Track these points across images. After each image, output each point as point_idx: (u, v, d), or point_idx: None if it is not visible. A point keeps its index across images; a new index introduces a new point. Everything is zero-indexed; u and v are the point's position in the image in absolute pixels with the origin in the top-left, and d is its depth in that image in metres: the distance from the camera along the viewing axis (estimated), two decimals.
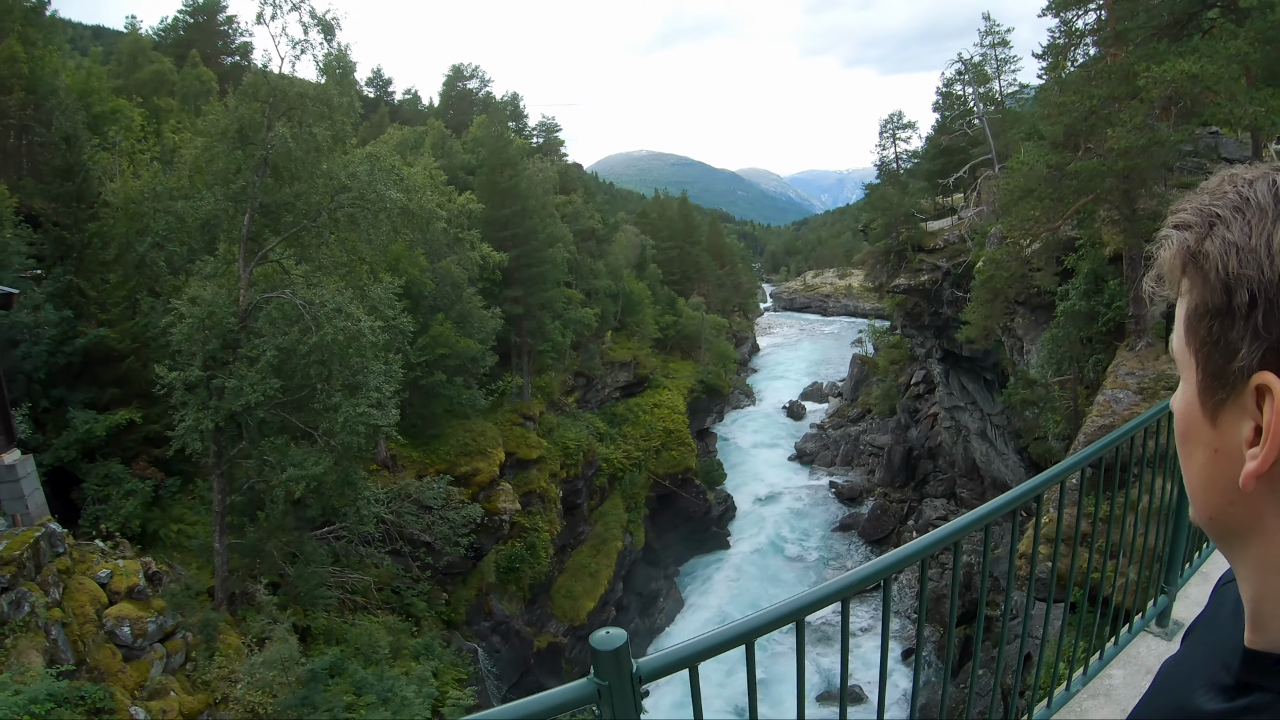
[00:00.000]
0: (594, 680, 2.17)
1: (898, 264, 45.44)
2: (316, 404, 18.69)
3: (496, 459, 31.62)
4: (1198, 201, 1.05)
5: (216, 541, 18.81)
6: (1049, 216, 21.56)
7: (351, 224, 19.49)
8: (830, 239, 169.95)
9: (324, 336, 17.54)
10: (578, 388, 48.14)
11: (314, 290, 18.52)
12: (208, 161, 19.95)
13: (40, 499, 16.35)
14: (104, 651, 14.96)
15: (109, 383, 22.58)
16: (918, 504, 51.16)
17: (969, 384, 46.46)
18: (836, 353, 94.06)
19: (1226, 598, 1.27)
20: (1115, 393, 19.36)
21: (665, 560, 48.70)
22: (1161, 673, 1.32)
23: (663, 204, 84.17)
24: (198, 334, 17.93)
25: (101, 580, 15.91)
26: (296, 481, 17.75)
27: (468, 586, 28.47)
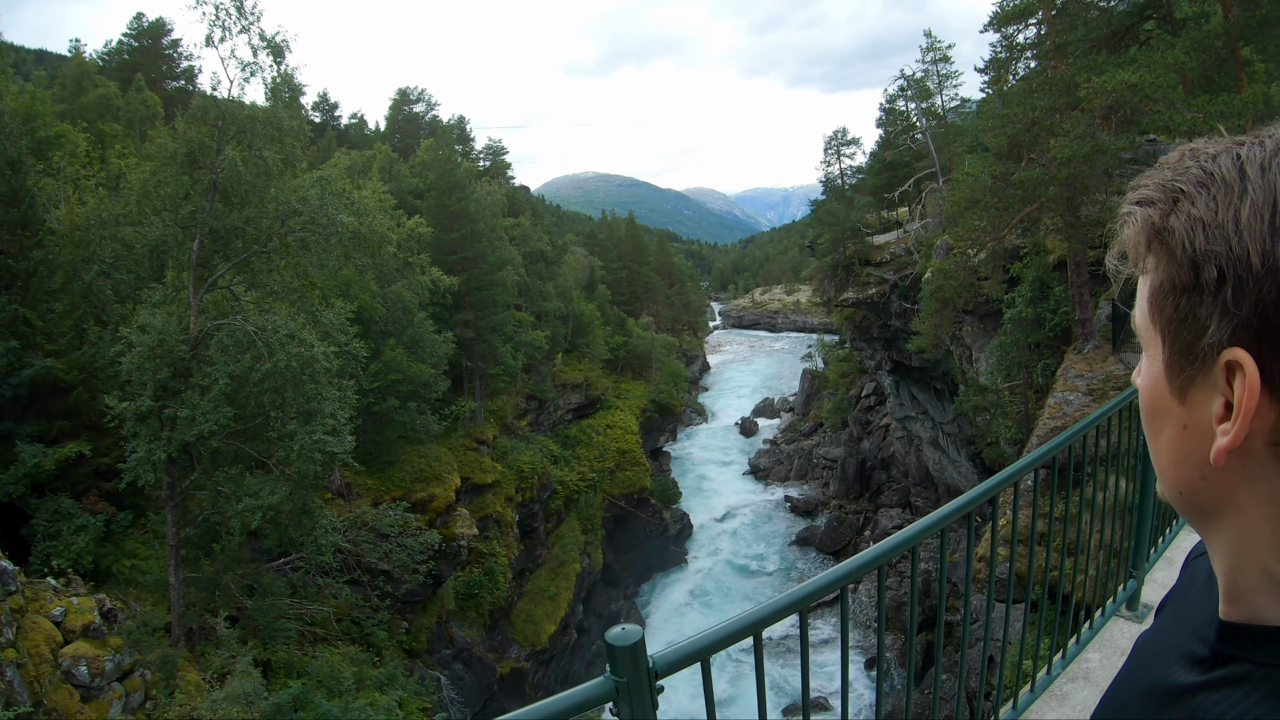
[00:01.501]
0: (611, 678, 2.18)
1: (846, 278, 45.96)
2: (271, 432, 18.32)
3: (452, 484, 31.32)
4: (1159, 177, 1.04)
5: (171, 576, 18.31)
6: (995, 226, 21.98)
7: (303, 249, 19.22)
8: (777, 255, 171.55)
9: (277, 363, 17.23)
10: (530, 410, 47.92)
11: (266, 317, 18.21)
12: (155, 186, 19.56)
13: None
14: (61, 692, 14.53)
15: (57, 415, 21.89)
16: (873, 514, 51.61)
17: (919, 394, 47.09)
18: (787, 368, 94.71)
19: (1198, 571, 1.29)
20: (1066, 395, 19.75)
21: (624, 580, 48.57)
22: (1136, 648, 1.32)
23: (611, 225, 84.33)
24: (148, 363, 17.48)
25: (55, 619, 15.41)
26: (252, 512, 17.32)
27: (428, 614, 28.07)
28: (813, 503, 56.77)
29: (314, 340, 18.02)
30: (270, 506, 17.46)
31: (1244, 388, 0.92)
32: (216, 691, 16.39)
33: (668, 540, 52.29)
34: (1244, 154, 0.97)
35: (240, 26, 18.73)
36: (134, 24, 53.04)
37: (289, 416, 18.27)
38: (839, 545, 50.36)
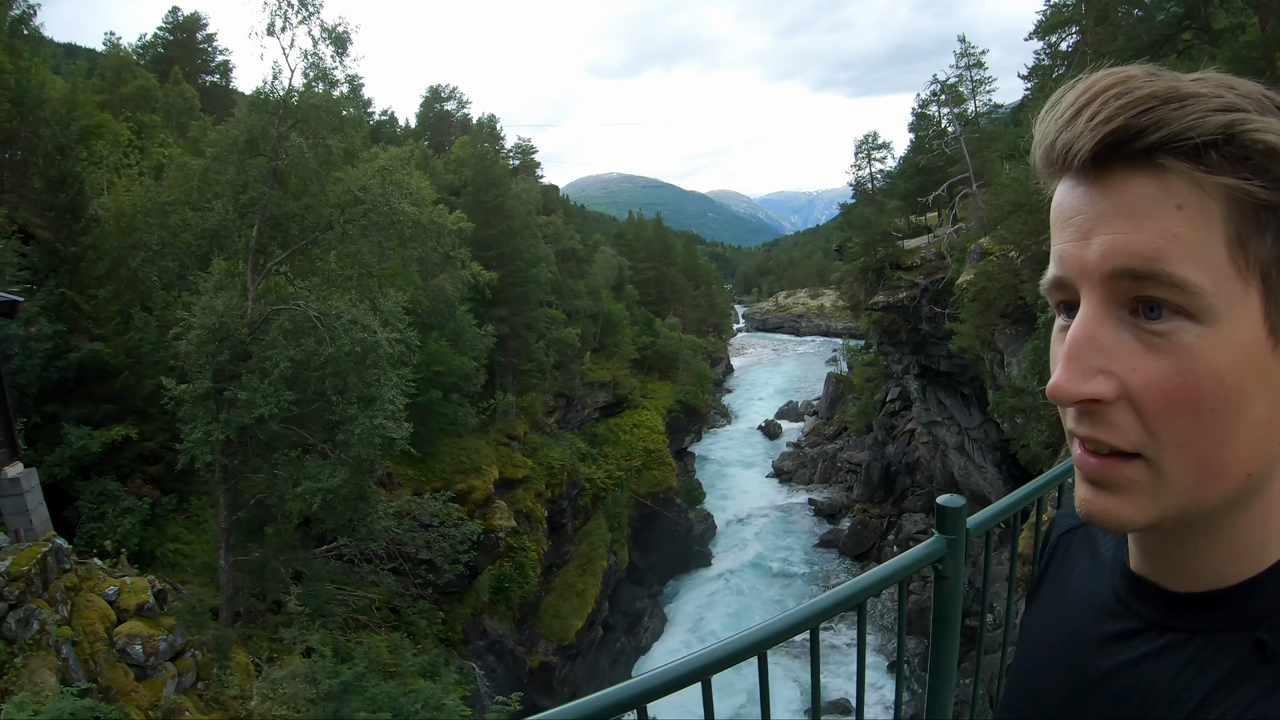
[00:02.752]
0: (943, 537, 2.51)
1: (876, 282, 46.04)
2: (332, 416, 18.62)
3: (491, 477, 31.66)
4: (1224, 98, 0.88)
5: (222, 559, 18.62)
6: (1038, 229, 22.26)
7: (363, 237, 19.58)
8: (802, 259, 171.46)
9: (340, 348, 17.58)
10: (558, 408, 48.22)
11: (329, 302, 18.56)
12: (217, 172, 19.98)
13: (44, 514, 16.09)
14: (116, 670, 14.67)
15: (102, 399, 22.12)
16: (897, 519, 51.62)
17: (946, 399, 47.09)
18: (810, 372, 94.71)
19: (1073, 549, 1.29)
20: None
21: (649, 579, 48.78)
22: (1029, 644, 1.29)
23: (638, 225, 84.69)
24: (208, 345, 17.81)
25: (109, 598, 15.65)
26: (312, 494, 17.60)
27: (464, 605, 28.38)
28: (836, 506, 56.87)
29: (376, 326, 18.36)
30: (330, 489, 17.73)
31: None
32: (276, 670, 16.66)
33: (692, 540, 52.43)
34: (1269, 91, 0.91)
35: (300, 17, 19.12)
36: (169, 18, 53.49)
37: (350, 401, 18.57)
38: (863, 549, 50.43)
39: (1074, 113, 0.93)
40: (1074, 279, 0.94)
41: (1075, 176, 0.95)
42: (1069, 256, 0.95)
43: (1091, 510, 0.97)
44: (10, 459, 15.82)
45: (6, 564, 13.83)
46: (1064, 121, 0.94)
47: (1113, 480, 0.95)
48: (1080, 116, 0.92)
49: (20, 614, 13.55)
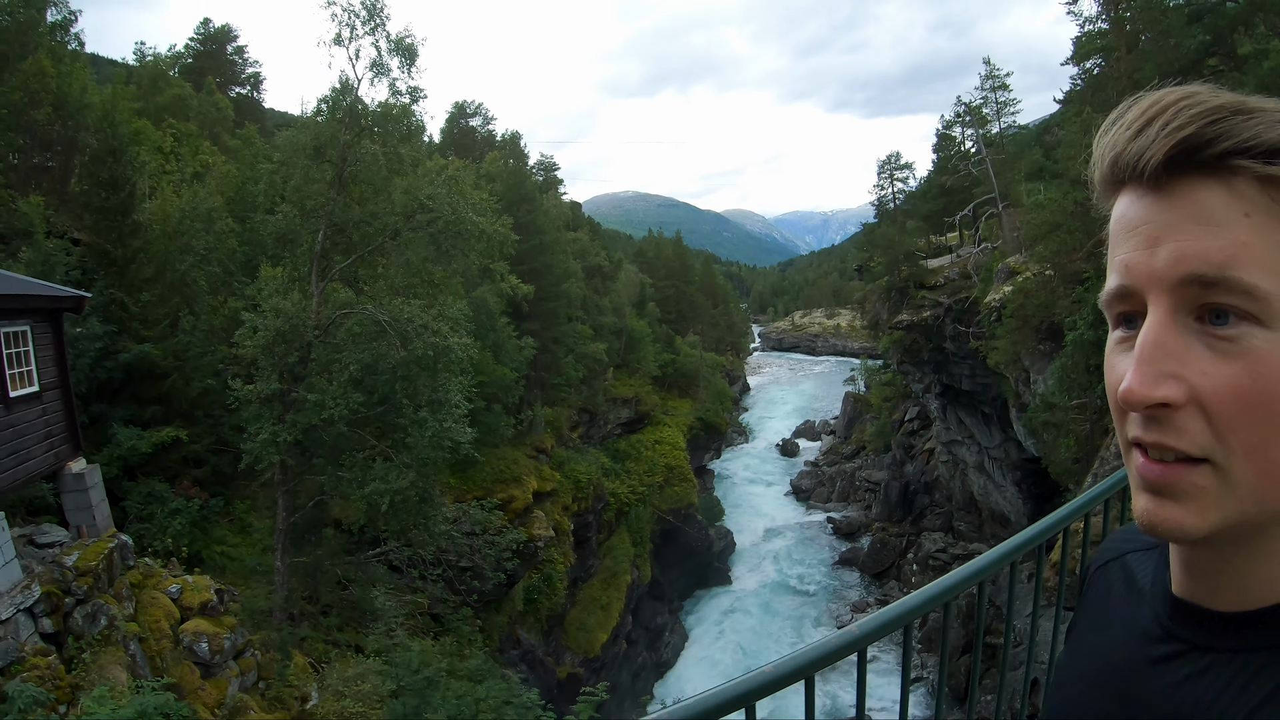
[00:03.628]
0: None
1: (900, 301, 46.39)
2: (402, 419, 18.97)
3: (530, 487, 32.05)
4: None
5: (278, 560, 18.91)
6: (1074, 248, 22.79)
7: (431, 244, 20.01)
8: (818, 279, 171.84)
9: (413, 351, 17.99)
10: (581, 423, 48.53)
11: (401, 306, 18.97)
12: (284, 178, 20.47)
13: (106, 510, 16.12)
14: (182, 668, 14.70)
15: (149, 400, 22.33)
16: (916, 537, 51.74)
17: (967, 418, 47.33)
18: (827, 391, 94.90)
19: (1111, 581, 1.31)
20: None
21: (670, 594, 48.95)
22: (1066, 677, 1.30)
23: (658, 243, 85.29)
24: (277, 346, 18.19)
25: (172, 595, 15.80)
26: (380, 495, 17.87)
27: (500, 614, 28.72)
28: (855, 525, 57.01)
29: (447, 331, 18.77)
30: (398, 490, 18.06)
31: None
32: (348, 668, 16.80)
33: (712, 557, 52.60)
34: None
35: (369, 28, 19.67)
36: (201, 29, 54.14)
37: (420, 404, 18.94)
38: (882, 567, 50.59)
39: (1144, 123, 0.96)
40: (1141, 287, 0.97)
41: (1141, 187, 0.98)
42: (1136, 264, 0.97)
43: (1154, 520, 0.98)
44: (73, 454, 15.91)
45: (74, 559, 13.94)
46: (1133, 132, 0.98)
47: (1177, 487, 0.96)
48: (1151, 126, 0.95)
49: (88, 609, 13.59)
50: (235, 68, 55.48)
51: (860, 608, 46.54)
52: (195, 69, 49.86)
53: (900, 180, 52.06)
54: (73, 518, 15.48)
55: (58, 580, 13.25)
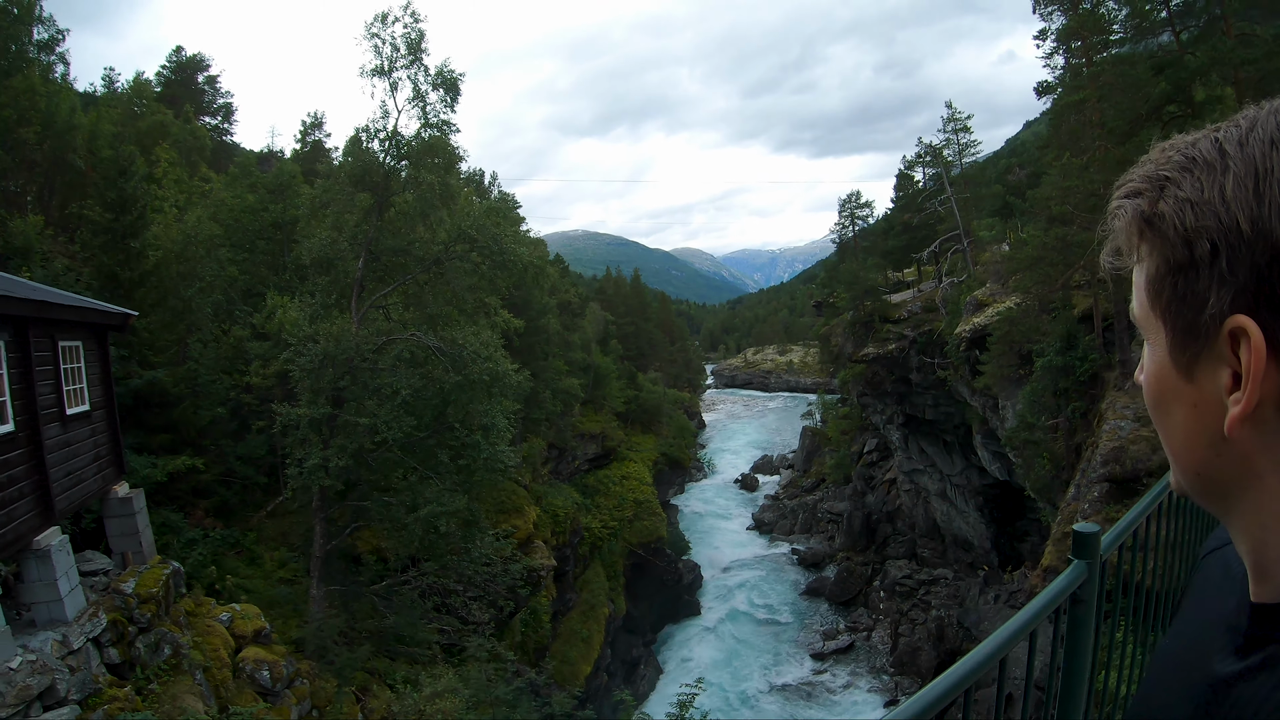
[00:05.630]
0: (1081, 562, 2.74)
1: (865, 334, 47.75)
2: (455, 442, 19.36)
3: (530, 517, 32.41)
4: (1144, 170, 1.08)
5: (313, 589, 19.02)
6: (1053, 279, 24.30)
7: (474, 273, 20.56)
8: (768, 316, 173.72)
9: (469, 375, 18.46)
10: (550, 459, 48.84)
11: (453, 332, 19.42)
12: (324, 205, 20.92)
13: (150, 537, 15.80)
14: (245, 695, 14.63)
15: (158, 428, 22.04)
16: (881, 565, 52.67)
17: (929, 447, 48.69)
18: (784, 425, 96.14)
19: (1212, 568, 1.36)
20: (1118, 422, 21.93)
21: (643, 627, 49.17)
22: (1158, 656, 1.38)
23: (617, 282, 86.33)
24: (324, 370, 18.44)
25: (224, 623, 15.75)
26: (436, 518, 18.07)
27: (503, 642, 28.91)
28: (819, 555, 57.78)
29: (501, 358, 19.29)
30: (453, 513, 18.36)
31: (1250, 352, 0.94)
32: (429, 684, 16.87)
33: (682, 589, 53.00)
34: (1221, 135, 1.01)
35: (404, 62, 20.37)
36: (173, 56, 53.64)
37: (472, 428, 19.36)
38: (849, 595, 51.36)
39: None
40: None
41: None
42: None
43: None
44: (118, 477, 15.66)
45: (132, 585, 13.73)
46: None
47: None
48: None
49: (151, 638, 13.45)
50: (206, 97, 54.87)
51: (831, 635, 47.31)
52: (166, 97, 49.03)
53: (861, 218, 53.72)
54: (116, 544, 15.15)
55: (120, 608, 13.13)
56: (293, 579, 21.90)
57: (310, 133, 51.01)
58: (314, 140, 50.73)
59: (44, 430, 12.29)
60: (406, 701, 16.83)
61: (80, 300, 15.27)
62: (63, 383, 13.27)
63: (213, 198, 29.40)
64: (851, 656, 45.51)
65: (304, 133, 50.99)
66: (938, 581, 47.15)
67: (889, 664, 43.60)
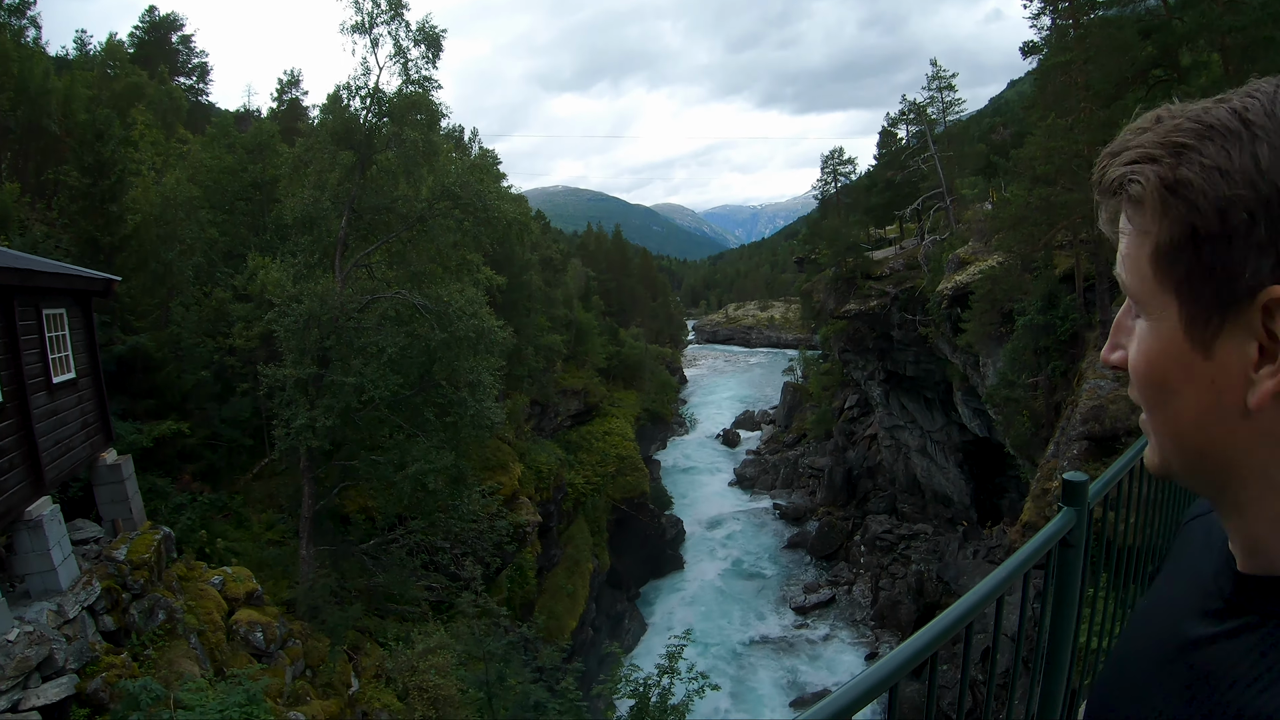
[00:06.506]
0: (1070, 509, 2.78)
1: (847, 291, 47.87)
2: (441, 399, 19.33)
3: (515, 474, 32.55)
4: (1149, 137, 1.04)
5: (303, 549, 19.04)
6: (1036, 238, 24.45)
7: (459, 229, 20.42)
8: (749, 272, 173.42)
9: (455, 333, 18.39)
10: (533, 415, 48.90)
11: (438, 290, 19.32)
12: (304, 163, 20.70)
13: (140, 503, 15.76)
14: (240, 657, 14.67)
15: (142, 393, 21.93)
16: (861, 520, 53.16)
17: (909, 403, 49.07)
18: (765, 381, 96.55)
19: (1193, 534, 1.36)
20: (1097, 381, 22.20)
21: (626, 582, 49.69)
22: (1136, 615, 1.41)
23: (598, 237, 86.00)
24: (310, 331, 18.33)
25: (216, 586, 15.70)
26: (424, 475, 18.09)
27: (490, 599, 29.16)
28: (801, 510, 58.37)
29: (487, 315, 19.21)
30: (441, 470, 18.39)
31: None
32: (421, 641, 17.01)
33: (665, 544, 53.52)
34: (1238, 105, 0.99)
35: (385, 18, 20.08)
36: (145, 16, 52.81)
37: (459, 385, 19.32)
38: (831, 549, 51.94)
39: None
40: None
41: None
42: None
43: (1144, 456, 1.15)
44: (106, 444, 15.58)
45: (124, 552, 13.77)
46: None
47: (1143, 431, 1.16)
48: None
49: (145, 604, 13.46)
50: (180, 57, 54.03)
51: (812, 589, 47.91)
52: (140, 58, 48.04)
53: (843, 175, 53.63)
54: (106, 511, 15.11)
55: (113, 575, 13.12)
56: (281, 540, 21.93)
57: (287, 91, 50.40)
58: (291, 99, 50.13)
59: (31, 400, 12.22)
60: (400, 659, 16.98)
61: (64, 268, 15.13)
62: (48, 351, 13.17)
63: (191, 159, 29.02)
64: (832, 610, 46.13)
65: (281, 91, 50.42)
66: (917, 536, 47.74)
67: (869, 617, 44.26)
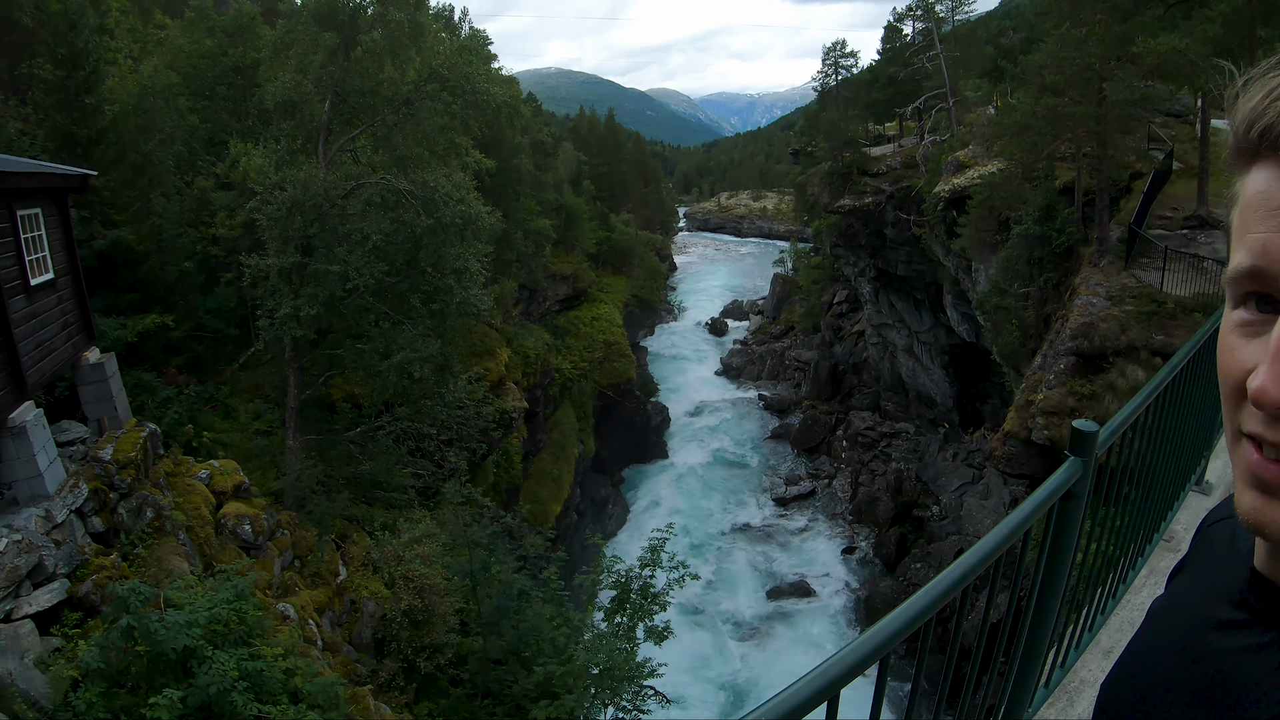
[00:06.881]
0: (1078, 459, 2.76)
1: (842, 185, 47.33)
2: (427, 286, 19.17)
3: (502, 360, 32.63)
4: None
5: (290, 439, 19.10)
6: (1039, 148, 24.05)
7: (446, 113, 19.92)
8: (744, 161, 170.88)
9: (442, 219, 18.11)
10: (521, 300, 48.76)
11: (425, 175, 18.96)
12: (286, 46, 20.04)
13: (125, 401, 15.59)
14: (229, 551, 14.68)
15: (125, 288, 21.63)
16: (845, 415, 53.84)
17: (899, 303, 49.07)
18: (754, 271, 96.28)
19: (1216, 539, 1.28)
20: (1089, 298, 22.16)
21: (611, 468, 50.54)
22: (1153, 614, 1.33)
23: (591, 121, 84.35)
24: (293, 219, 18.01)
25: (203, 481, 15.66)
26: (410, 363, 18.05)
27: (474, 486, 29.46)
28: (785, 402, 59.07)
29: (473, 200, 18.88)
30: (427, 357, 18.29)
31: None
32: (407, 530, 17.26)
33: (650, 431, 54.29)
34: None
35: None
36: None
37: (445, 272, 19.12)
38: (813, 443, 52.66)
39: None
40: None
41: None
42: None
43: (1262, 519, 0.95)
44: (88, 343, 15.33)
45: (109, 451, 13.58)
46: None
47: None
48: None
49: (133, 502, 13.35)
50: None
51: (793, 480, 48.73)
52: None
53: (845, 68, 52.43)
54: (91, 410, 14.93)
55: (100, 476, 12.99)
56: (269, 430, 21.99)
57: None
58: None
59: (9, 304, 11.95)
60: (385, 549, 17.24)
61: (37, 165, 14.65)
62: (24, 253, 12.79)
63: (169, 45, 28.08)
64: (812, 502, 47.03)
65: None
66: (899, 435, 48.37)
67: (848, 512, 45.14)
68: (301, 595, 15.36)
